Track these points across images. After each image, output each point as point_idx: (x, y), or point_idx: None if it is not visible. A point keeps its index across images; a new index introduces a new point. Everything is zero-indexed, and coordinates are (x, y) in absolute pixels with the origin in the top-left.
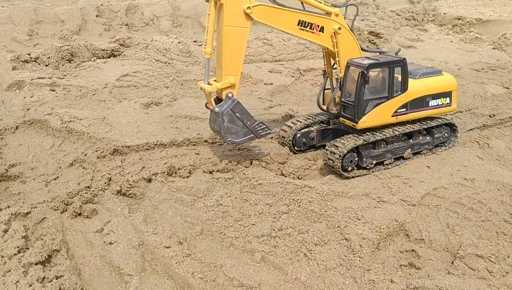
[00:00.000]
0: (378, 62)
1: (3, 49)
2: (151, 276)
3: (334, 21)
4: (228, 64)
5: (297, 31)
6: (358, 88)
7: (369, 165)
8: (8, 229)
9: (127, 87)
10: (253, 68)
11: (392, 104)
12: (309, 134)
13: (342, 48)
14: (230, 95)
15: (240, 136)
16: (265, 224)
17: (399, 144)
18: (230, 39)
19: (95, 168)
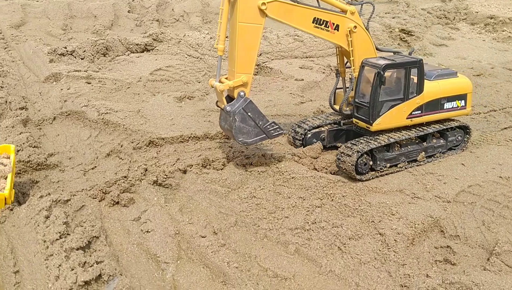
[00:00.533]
0: (394, 63)
1: (40, 42)
2: (187, 264)
3: (349, 19)
4: (241, 61)
5: (312, 28)
6: (373, 89)
7: (382, 169)
8: (49, 215)
9: (160, 81)
10: (284, 64)
11: (408, 106)
12: (320, 134)
13: (357, 47)
14: (242, 94)
15: (252, 136)
16: (299, 217)
17: (413, 147)
18: (244, 35)
19: (131, 159)
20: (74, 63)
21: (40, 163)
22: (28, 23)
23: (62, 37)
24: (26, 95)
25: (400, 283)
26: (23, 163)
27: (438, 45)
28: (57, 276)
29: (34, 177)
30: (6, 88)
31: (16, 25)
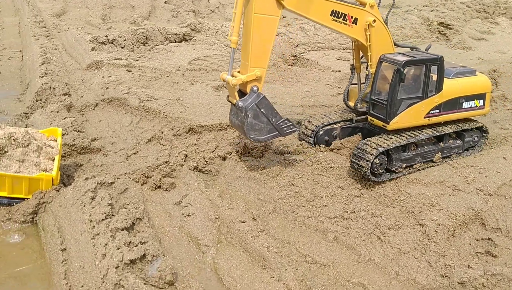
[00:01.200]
0: (414, 60)
1: (81, 31)
2: (227, 248)
3: (368, 13)
4: (255, 55)
5: (330, 21)
6: (392, 87)
7: (398, 169)
8: (95, 196)
9: (198, 71)
10: (321, 55)
11: (426, 104)
12: (332, 131)
13: (375, 42)
14: (255, 88)
15: (264, 133)
16: (337, 206)
17: (429, 147)
18: (259, 27)
19: (172, 145)
20: (114, 52)
21: (84, 147)
22: (68, 12)
23: (101, 27)
24: (69, 81)
25: (441, 273)
26: (68, 146)
27: (478, 39)
28: (104, 254)
29: (78, 160)
30: (50, 75)
31: (57, 14)
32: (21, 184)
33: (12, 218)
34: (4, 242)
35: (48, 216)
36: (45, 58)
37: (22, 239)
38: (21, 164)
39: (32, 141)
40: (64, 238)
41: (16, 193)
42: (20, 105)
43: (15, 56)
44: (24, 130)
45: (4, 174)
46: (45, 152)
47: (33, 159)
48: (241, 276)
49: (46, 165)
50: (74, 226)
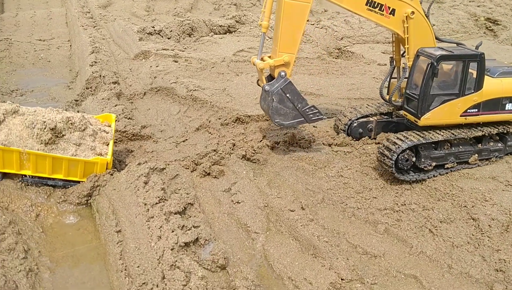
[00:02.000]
0: (451, 54)
1: (129, 21)
2: (276, 236)
3: (408, 4)
4: (284, 40)
5: (364, 11)
6: (425, 81)
7: (427, 167)
8: (148, 181)
9: (243, 62)
10: (366, 48)
11: (462, 102)
12: (367, 124)
13: (413, 35)
14: (283, 74)
15: (289, 119)
16: (387, 198)
17: (465, 148)
18: (289, 13)
19: (219, 134)
20: (161, 42)
21: (135, 133)
22: (114, 4)
23: (146, 18)
24: (118, 70)
25: (495, 268)
26: (119, 133)
27: None
28: (159, 236)
29: (129, 147)
30: (99, 64)
31: (103, 5)
32: (77, 167)
33: (67, 200)
34: (60, 223)
35: (102, 199)
36: (94, 48)
37: (77, 220)
38: (78, 147)
39: (88, 125)
40: (118, 220)
41: (71, 176)
42: (70, 92)
43: (63, 45)
44: (80, 115)
45: (62, 157)
46: (100, 137)
47: (89, 143)
48: (291, 263)
49: (101, 150)
50: (128, 209)
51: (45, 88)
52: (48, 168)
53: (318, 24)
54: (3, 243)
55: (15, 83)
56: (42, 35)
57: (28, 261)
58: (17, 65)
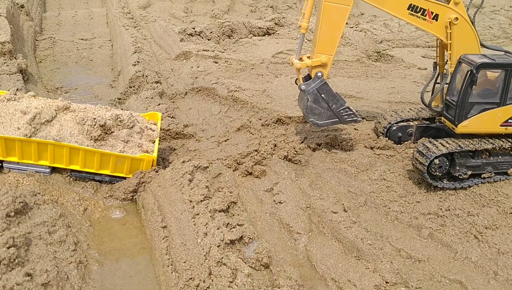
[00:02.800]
0: (492, 63)
1: (169, 22)
2: (319, 237)
3: (452, 10)
4: (322, 41)
5: (406, 15)
6: (463, 88)
7: (462, 175)
8: (192, 178)
9: (282, 64)
10: (405, 52)
11: (504, 112)
12: (407, 128)
13: (456, 41)
14: (320, 74)
15: (324, 119)
16: (431, 203)
17: (505, 158)
18: (329, 15)
19: (261, 134)
20: (201, 43)
21: (178, 132)
22: (153, 5)
23: (185, 19)
24: (159, 70)
25: None
26: (163, 131)
27: None
28: (205, 233)
29: (172, 145)
30: (142, 63)
31: (143, 6)
32: (124, 164)
33: (113, 195)
34: (106, 217)
35: (147, 195)
36: (136, 48)
37: (123, 215)
38: (125, 144)
39: (136, 123)
40: (164, 216)
41: (118, 172)
42: (113, 91)
43: (105, 45)
44: (129, 113)
45: (110, 153)
46: (147, 135)
47: (136, 141)
48: (334, 265)
49: (147, 147)
50: (174, 205)
51: (88, 86)
52: (96, 163)
53: (357, 27)
54: (54, 235)
55: (60, 81)
56: (84, 34)
57: (78, 253)
58: (61, 63)
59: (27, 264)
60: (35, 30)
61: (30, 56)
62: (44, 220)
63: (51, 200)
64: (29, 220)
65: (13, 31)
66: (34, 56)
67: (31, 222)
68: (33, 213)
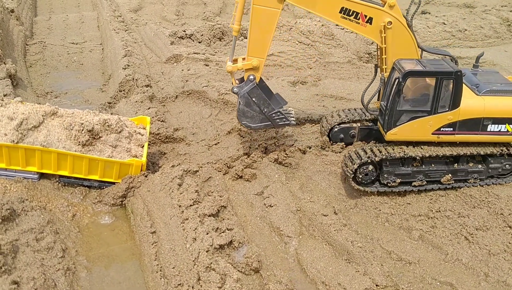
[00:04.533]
0: (421, 71)
1: (160, 25)
2: (309, 240)
3: (386, 13)
4: (253, 44)
5: (339, 19)
6: (392, 96)
7: (390, 183)
8: (182, 183)
9: (273, 66)
10: None
11: (435, 120)
12: (350, 130)
13: (391, 45)
14: (252, 77)
15: (256, 122)
16: (422, 204)
17: (437, 167)
18: (258, 18)
19: (251, 137)
20: (192, 46)
21: (168, 136)
22: (144, 8)
23: (176, 22)
24: (150, 74)
25: None
26: (153, 135)
27: None
28: (194, 238)
29: (162, 149)
30: (132, 67)
31: (134, 9)
32: (112, 169)
33: (102, 200)
34: (95, 223)
35: (137, 200)
36: (126, 51)
37: (112, 220)
38: (114, 149)
39: (124, 128)
40: (153, 221)
41: (106, 177)
42: (103, 95)
43: (95, 48)
44: (117, 117)
45: (98, 158)
46: (135, 139)
47: (125, 145)
48: (325, 268)
49: (136, 151)
50: (163, 210)
51: (78, 91)
52: (85, 169)
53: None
54: (42, 242)
55: (50, 85)
56: (75, 38)
57: (66, 260)
58: (51, 67)
59: (14, 272)
60: (25, 34)
61: (20, 61)
62: (32, 227)
63: (39, 206)
64: (16, 227)
65: (2, 36)
66: (24, 61)
67: (19, 229)
68: (20, 220)
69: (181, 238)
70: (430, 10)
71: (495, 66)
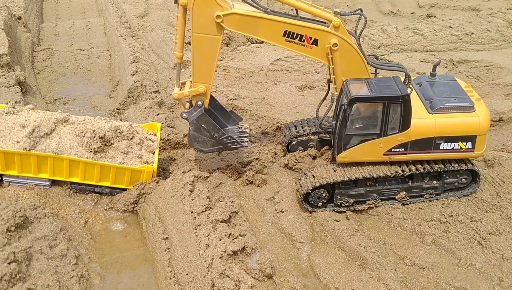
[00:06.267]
0: (367, 96)
1: (167, 31)
2: (321, 246)
3: (331, 34)
4: (197, 72)
5: (283, 42)
6: (340, 120)
7: (344, 203)
8: (193, 189)
9: (280, 71)
10: (404, 57)
11: (385, 142)
12: (308, 142)
13: (339, 65)
14: (200, 103)
15: (208, 146)
16: (434, 209)
17: (391, 185)
18: (199, 46)
19: (261, 143)
20: None
21: (177, 142)
22: (150, 14)
23: None
24: (158, 80)
25: None
26: (163, 141)
27: None
28: (207, 244)
29: (172, 155)
30: (140, 73)
31: (141, 15)
32: (124, 175)
33: (114, 207)
34: (107, 229)
35: (148, 206)
36: (134, 57)
37: (124, 227)
38: (125, 156)
39: (135, 134)
40: (165, 227)
41: (118, 183)
42: (112, 101)
43: (102, 55)
44: (128, 124)
45: (110, 165)
46: (147, 145)
47: (136, 152)
48: (338, 274)
49: (147, 158)
50: (175, 216)
51: (86, 97)
52: (96, 175)
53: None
54: (55, 249)
55: (58, 92)
56: (82, 44)
57: (79, 267)
58: (59, 74)
59: (28, 280)
60: (32, 41)
61: (28, 67)
62: (45, 234)
63: (51, 213)
64: (29, 234)
65: (10, 43)
66: (32, 68)
67: (32, 236)
68: (33, 227)
69: (194, 244)
70: (435, 13)
71: (502, 69)
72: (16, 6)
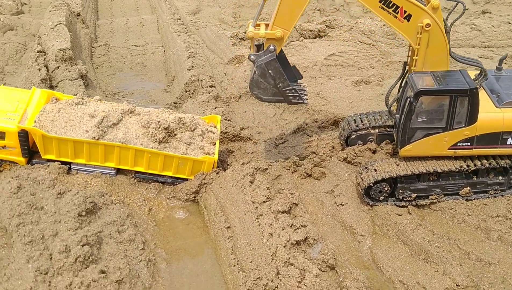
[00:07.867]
0: (433, 89)
1: (220, 28)
2: (383, 239)
3: (427, 14)
4: (281, 14)
5: (377, 8)
6: (405, 114)
7: (406, 198)
8: (253, 180)
9: (335, 66)
10: (461, 52)
11: (451, 136)
12: (368, 136)
13: (424, 48)
14: (272, 48)
15: (268, 94)
16: (499, 205)
17: (455, 181)
18: None
19: (318, 136)
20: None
21: (235, 135)
22: (202, 11)
23: (233, 24)
24: (213, 75)
25: None
26: (221, 133)
27: None
28: (270, 234)
29: (230, 147)
30: (196, 68)
31: (193, 12)
32: (186, 165)
33: (176, 196)
34: (170, 217)
35: (209, 196)
36: (190, 53)
37: (186, 215)
38: (188, 146)
39: (197, 126)
40: (227, 216)
41: (180, 173)
42: (168, 95)
43: (157, 50)
44: (191, 116)
45: (173, 155)
46: (208, 137)
47: (198, 143)
48: (402, 267)
49: (208, 149)
50: (236, 206)
51: (143, 91)
52: (160, 165)
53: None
54: (124, 234)
55: (116, 86)
56: (137, 41)
57: (147, 252)
58: (116, 69)
59: (100, 262)
60: (90, 37)
61: (88, 62)
62: (113, 220)
63: (118, 200)
64: (99, 219)
65: (72, 38)
66: (91, 62)
67: (101, 221)
68: (102, 213)
69: (257, 233)
70: (490, 9)
71: None
72: (74, 3)
